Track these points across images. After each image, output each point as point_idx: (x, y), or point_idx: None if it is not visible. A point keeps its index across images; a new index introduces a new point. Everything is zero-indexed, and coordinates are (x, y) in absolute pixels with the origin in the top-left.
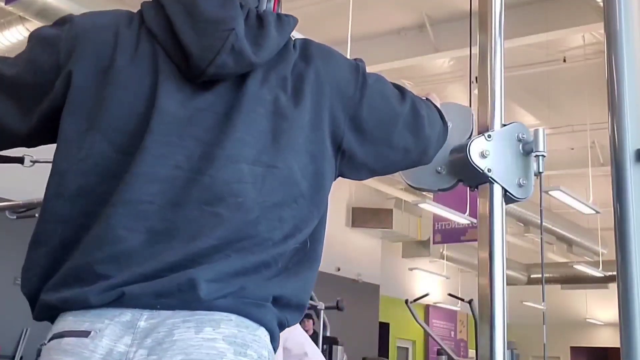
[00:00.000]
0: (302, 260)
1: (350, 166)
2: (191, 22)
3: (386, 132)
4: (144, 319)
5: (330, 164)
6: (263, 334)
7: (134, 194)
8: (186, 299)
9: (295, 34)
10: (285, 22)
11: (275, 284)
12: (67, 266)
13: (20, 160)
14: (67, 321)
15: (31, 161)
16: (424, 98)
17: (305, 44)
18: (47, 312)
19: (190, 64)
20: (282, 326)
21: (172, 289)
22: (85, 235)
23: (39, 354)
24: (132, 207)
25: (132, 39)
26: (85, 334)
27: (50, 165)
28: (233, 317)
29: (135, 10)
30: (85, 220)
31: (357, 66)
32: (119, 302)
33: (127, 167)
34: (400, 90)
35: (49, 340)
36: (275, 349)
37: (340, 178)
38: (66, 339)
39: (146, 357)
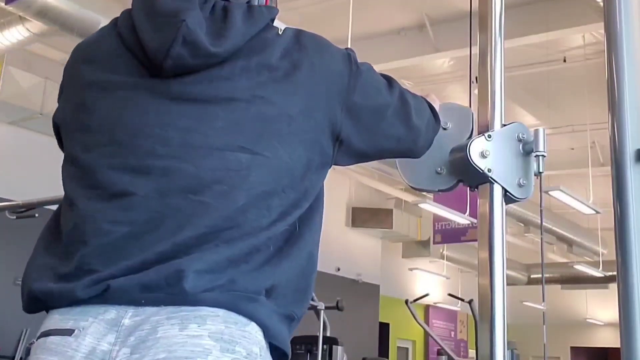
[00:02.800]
0: (292, 243)
1: (347, 153)
2: (148, 17)
3: (379, 120)
4: (128, 316)
5: (322, 153)
6: (254, 329)
7: (117, 187)
8: (172, 292)
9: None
10: (257, 12)
11: (267, 272)
12: (55, 260)
13: None
14: (54, 319)
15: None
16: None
17: (298, 33)
18: (33, 304)
19: (150, 59)
20: (290, 319)
21: (159, 282)
22: (72, 231)
23: (28, 353)
24: (115, 201)
25: (108, 47)
26: (69, 332)
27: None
28: (221, 312)
29: None
30: (72, 217)
31: (348, 55)
32: (104, 297)
33: (108, 161)
34: (388, 79)
35: (37, 339)
36: (280, 345)
37: (339, 178)
38: (51, 338)
39: (129, 355)
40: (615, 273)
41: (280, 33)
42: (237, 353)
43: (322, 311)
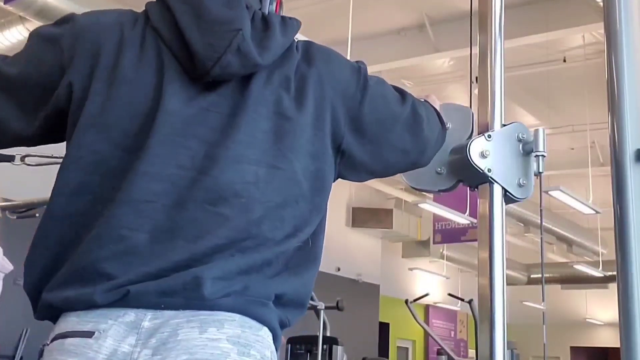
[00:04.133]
0: (303, 259)
1: (349, 167)
2: (197, 21)
3: (386, 134)
4: (147, 319)
5: (330, 165)
6: (266, 334)
7: (137, 193)
8: (190, 297)
9: (297, 35)
10: (290, 24)
11: (278, 282)
12: (69, 265)
13: (10, 158)
14: (71, 322)
15: (21, 159)
16: (423, 99)
17: (307, 45)
18: (48, 312)
19: (196, 63)
20: (283, 325)
21: (177, 288)
22: (87, 234)
23: (41, 354)
24: (135, 206)
25: (137, 39)
26: (89, 334)
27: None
28: (237, 317)
29: (135, 10)
30: (86, 219)
31: (358, 68)
32: (123, 301)
33: (130, 165)
34: (401, 92)
35: (52, 341)
36: (277, 349)
37: (340, 179)
38: (69, 340)
39: (151, 357)
40: (615, 273)
41: (297, 46)
42: (252, 356)
43: (322, 311)
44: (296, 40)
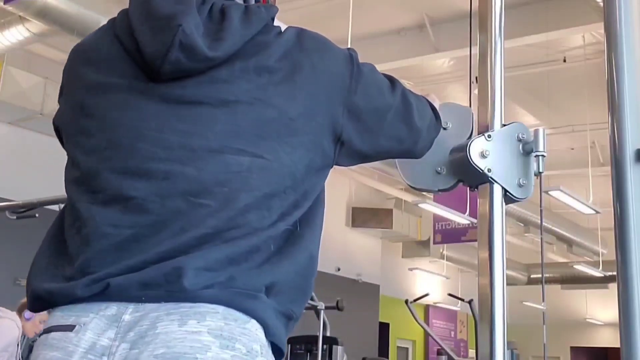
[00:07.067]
0: (293, 242)
1: (348, 154)
2: (146, 20)
3: (380, 121)
4: (128, 312)
5: (324, 155)
6: (254, 327)
7: (116, 190)
8: (171, 289)
9: (278, 23)
10: (255, 13)
11: (267, 271)
12: (58, 262)
13: None
14: (56, 316)
15: None
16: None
17: (299, 34)
18: (36, 303)
19: (147, 62)
20: (288, 318)
21: (158, 279)
22: (74, 234)
23: (30, 350)
24: (116, 204)
25: (106, 48)
26: (70, 328)
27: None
28: (220, 309)
29: None
30: (75, 220)
31: (350, 56)
32: (105, 294)
33: (108, 165)
34: (391, 80)
35: (40, 335)
36: (278, 343)
37: (339, 178)
38: (52, 334)
39: (128, 350)
40: (615, 273)
41: (280, 33)
42: (237, 350)
43: (322, 311)
44: (283, 27)
